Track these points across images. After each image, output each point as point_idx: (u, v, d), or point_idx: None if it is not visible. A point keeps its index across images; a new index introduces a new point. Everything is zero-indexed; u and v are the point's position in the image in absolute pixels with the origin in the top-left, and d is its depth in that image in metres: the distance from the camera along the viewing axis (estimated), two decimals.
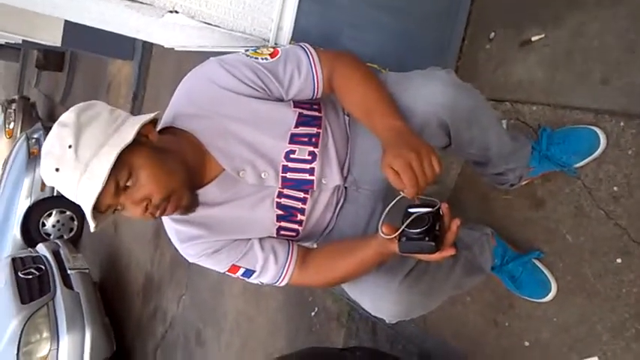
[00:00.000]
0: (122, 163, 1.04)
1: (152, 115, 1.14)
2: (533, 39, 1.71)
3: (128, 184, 1.06)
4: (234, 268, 1.27)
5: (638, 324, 1.36)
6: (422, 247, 0.99)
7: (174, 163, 1.12)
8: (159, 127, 1.23)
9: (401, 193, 1.01)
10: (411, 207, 1.02)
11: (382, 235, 1.03)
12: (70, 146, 1.03)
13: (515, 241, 1.64)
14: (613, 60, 1.50)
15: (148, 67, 5.38)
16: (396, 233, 1.01)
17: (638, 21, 1.46)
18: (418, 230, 0.98)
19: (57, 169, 1.03)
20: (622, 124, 1.45)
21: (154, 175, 1.08)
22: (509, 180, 1.55)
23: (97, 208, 1.05)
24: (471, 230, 1.55)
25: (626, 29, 1.48)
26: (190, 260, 1.28)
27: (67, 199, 1.08)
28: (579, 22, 1.60)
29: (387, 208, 1.05)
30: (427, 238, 0.97)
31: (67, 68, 9.19)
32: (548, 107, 1.63)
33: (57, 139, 1.05)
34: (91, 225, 1.07)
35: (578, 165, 1.52)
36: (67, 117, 1.07)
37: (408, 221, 1.00)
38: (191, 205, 1.16)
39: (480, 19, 1.89)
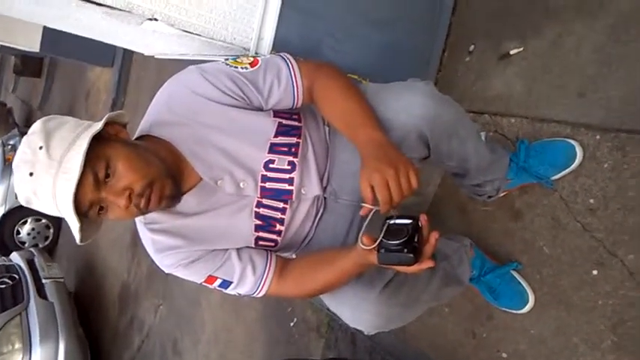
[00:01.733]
0: (97, 155, 1.03)
1: (120, 111, 1.14)
2: (512, 52, 1.73)
3: (107, 175, 1.03)
4: (211, 278, 1.25)
5: (614, 335, 1.37)
6: (400, 259, 0.98)
7: (151, 156, 1.11)
8: (135, 136, 1.21)
9: (374, 207, 1.02)
10: (390, 218, 1.02)
11: (361, 245, 1.03)
12: (40, 147, 1.01)
13: (494, 253, 1.65)
14: (590, 73, 1.52)
15: (128, 74, 5.34)
16: (375, 244, 1.01)
17: (615, 35, 1.48)
18: (397, 242, 0.98)
19: (31, 174, 1.00)
20: (598, 137, 1.47)
21: (131, 163, 1.06)
22: (488, 192, 1.56)
23: (78, 209, 1.00)
24: (449, 241, 1.55)
25: (603, 43, 1.51)
26: (166, 271, 1.26)
27: None
28: (557, 35, 1.62)
29: (366, 221, 1.05)
30: (406, 250, 0.97)
31: (46, 74, 9.07)
32: (526, 120, 1.65)
33: (26, 146, 1.03)
34: (76, 235, 1.03)
35: (555, 177, 1.53)
36: (34, 127, 1.06)
37: (384, 231, 1.00)
38: (175, 194, 1.13)
39: (460, 32, 1.91)
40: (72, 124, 1.07)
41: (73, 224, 1.02)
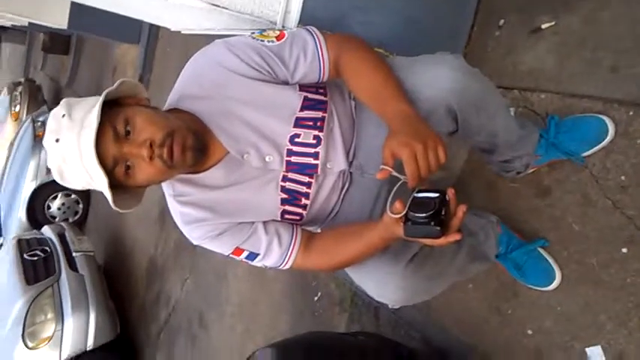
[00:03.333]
0: (117, 113, 1.07)
1: (136, 82, 1.17)
2: (543, 27, 1.69)
3: (127, 129, 1.06)
4: (237, 250, 1.27)
5: None
6: (427, 232, 0.98)
7: (171, 116, 1.14)
8: (164, 109, 1.22)
9: (402, 178, 1.01)
10: (418, 192, 1.01)
11: (390, 214, 1.03)
12: (63, 115, 1.06)
13: (521, 230, 1.64)
14: (623, 48, 1.48)
15: (154, 51, 5.36)
16: (402, 213, 1.00)
17: None
18: (424, 214, 0.97)
19: (57, 140, 1.05)
20: (631, 113, 1.44)
21: (149, 118, 1.09)
22: (516, 168, 1.54)
23: (104, 166, 1.03)
24: (476, 217, 1.54)
25: (638, 18, 1.46)
26: (194, 242, 1.29)
27: None
28: (590, 9, 1.58)
29: (392, 193, 1.04)
30: (433, 223, 0.97)
31: (73, 51, 9.17)
32: (556, 95, 1.62)
33: (52, 118, 1.09)
34: (107, 194, 1.05)
35: (585, 154, 1.51)
36: (58, 105, 1.11)
37: (410, 204, 0.99)
38: (200, 148, 1.14)
39: (489, 6, 1.86)
40: (93, 97, 1.10)
41: (101, 180, 1.03)
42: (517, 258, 1.57)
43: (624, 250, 1.41)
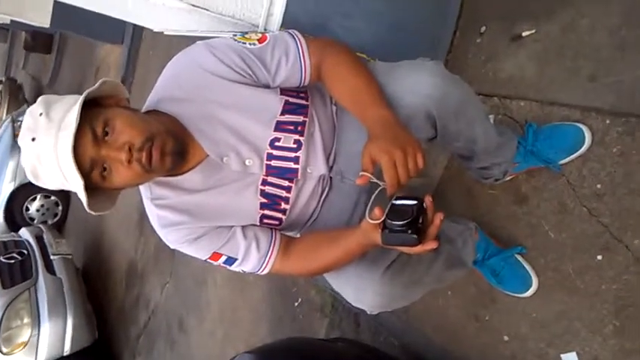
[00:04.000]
0: (96, 115, 1.05)
1: (117, 82, 1.15)
2: (524, 34, 1.70)
3: (106, 131, 1.05)
4: (215, 255, 1.25)
5: (617, 320, 1.37)
6: (404, 240, 0.99)
7: (151, 119, 1.12)
8: (142, 110, 1.21)
9: (381, 184, 1.01)
10: (396, 199, 1.02)
11: (369, 220, 1.03)
12: (41, 114, 1.04)
13: (498, 236, 1.65)
14: (603, 57, 1.50)
15: (138, 51, 5.32)
16: (380, 219, 1.00)
17: (630, 18, 1.46)
18: (401, 222, 0.97)
19: (33, 139, 1.03)
20: (608, 122, 1.46)
21: (129, 120, 1.07)
22: (494, 174, 1.55)
23: (81, 168, 1.01)
24: (454, 224, 1.55)
25: (618, 26, 1.48)
26: (171, 246, 1.27)
27: None
28: (570, 17, 1.60)
29: (371, 200, 1.04)
30: (410, 231, 0.97)
31: (56, 50, 9.06)
32: (535, 103, 1.64)
33: (28, 116, 1.06)
34: (82, 197, 1.03)
35: (562, 161, 1.52)
36: (36, 103, 1.09)
37: (388, 211, 0.99)
38: (179, 153, 1.12)
39: (471, 13, 1.88)
40: (72, 96, 1.08)
41: (77, 182, 1.01)
42: (494, 265, 1.58)
43: (599, 257, 1.43)
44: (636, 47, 1.43)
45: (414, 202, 1.00)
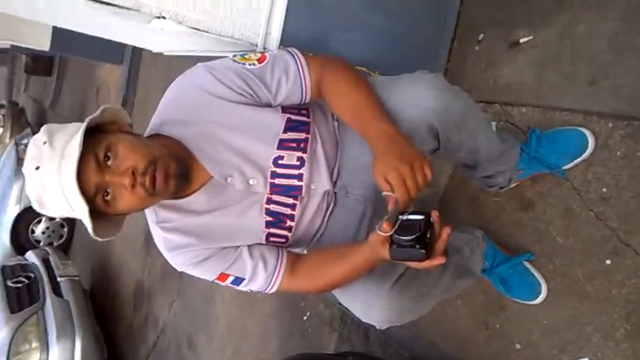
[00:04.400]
0: (99, 141, 1.06)
1: (119, 107, 1.16)
2: (522, 41, 1.71)
3: (108, 155, 1.05)
4: (223, 276, 1.25)
5: (628, 324, 1.36)
6: (412, 255, 0.99)
7: (153, 143, 1.13)
8: (145, 135, 1.22)
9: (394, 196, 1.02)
10: (402, 214, 1.02)
11: (379, 232, 1.03)
12: (44, 142, 1.05)
13: (506, 244, 1.64)
14: (601, 61, 1.50)
15: (138, 71, 5.35)
16: (389, 233, 1.01)
17: (625, 23, 1.46)
18: (409, 237, 0.98)
19: (37, 168, 1.04)
20: (610, 125, 1.46)
21: (133, 145, 1.08)
22: (499, 182, 1.55)
23: (85, 195, 1.01)
24: (461, 233, 1.54)
25: (614, 31, 1.48)
26: (178, 269, 1.27)
27: None
28: (567, 23, 1.60)
29: (387, 214, 1.05)
30: (418, 246, 0.98)
31: (56, 73, 9.12)
32: (537, 109, 1.64)
33: (32, 145, 1.07)
34: (87, 223, 1.04)
35: (567, 166, 1.52)
36: (39, 131, 1.10)
37: (396, 227, 1.00)
38: (182, 175, 1.13)
39: (469, 21, 1.89)
40: (74, 124, 1.10)
41: (81, 209, 1.02)
42: (503, 272, 1.57)
43: (608, 261, 1.42)
44: (633, 51, 1.43)
45: (422, 216, 1.00)
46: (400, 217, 1.01)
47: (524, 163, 1.52)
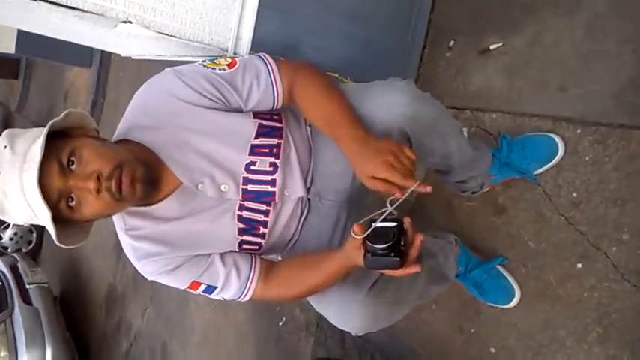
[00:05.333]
0: (62, 146, 1.03)
1: (84, 112, 1.13)
2: (492, 47, 1.72)
3: (72, 160, 1.02)
4: (195, 284, 1.23)
5: (600, 327, 1.38)
6: (387, 263, 0.99)
7: (120, 148, 1.10)
8: (112, 140, 1.19)
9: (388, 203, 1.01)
10: (373, 221, 1.01)
11: (353, 235, 1.03)
12: (5, 147, 1.01)
13: (479, 248, 1.65)
14: (569, 68, 1.52)
15: (107, 74, 5.26)
16: (361, 235, 1.01)
17: (592, 31, 1.49)
18: (383, 246, 0.98)
19: None
20: (579, 131, 1.48)
21: (97, 150, 1.05)
22: (472, 187, 1.55)
23: (49, 201, 0.98)
24: (435, 238, 1.55)
25: (581, 39, 1.51)
26: (149, 278, 1.24)
27: None
28: (536, 30, 1.62)
29: (361, 221, 1.05)
30: (393, 254, 0.98)
31: (23, 75, 8.89)
32: (507, 115, 1.65)
33: None
34: (51, 230, 1.01)
35: (537, 172, 1.54)
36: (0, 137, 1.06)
37: (370, 235, 1.00)
38: (149, 180, 1.10)
39: (439, 28, 1.90)
40: (38, 129, 1.06)
41: (44, 215, 0.99)
42: (477, 277, 1.58)
43: (579, 265, 1.44)
44: (601, 58, 1.46)
45: (394, 223, 1.00)
46: (374, 224, 1.01)
47: (495, 168, 1.54)
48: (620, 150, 1.39)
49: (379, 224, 1.01)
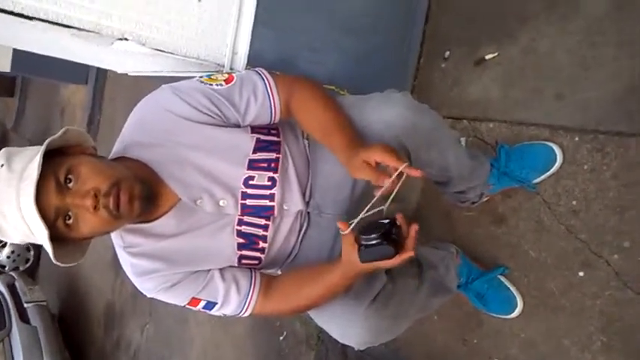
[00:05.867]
0: (60, 163, 1.02)
1: (81, 130, 1.13)
2: (487, 57, 1.73)
3: (69, 177, 1.02)
4: (194, 301, 1.22)
5: (604, 336, 1.37)
6: (381, 252, 1.00)
7: (118, 165, 1.10)
8: (109, 157, 1.18)
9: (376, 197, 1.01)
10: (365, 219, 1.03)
11: (341, 232, 1.04)
12: (2, 165, 1.01)
13: (480, 258, 1.65)
14: (565, 76, 1.53)
15: (103, 91, 5.26)
16: (347, 230, 1.03)
17: (588, 37, 1.49)
18: (375, 235, 0.99)
19: None
20: (577, 139, 1.48)
21: (94, 167, 1.04)
22: (471, 198, 1.55)
23: (46, 219, 0.98)
24: (435, 250, 1.54)
25: (577, 46, 1.51)
26: (148, 295, 1.23)
27: None
28: (531, 39, 1.63)
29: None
30: (385, 242, 0.98)
31: (19, 93, 8.89)
32: (504, 124, 1.66)
33: None
34: (48, 248, 1.00)
35: (536, 180, 1.53)
36: None
37: (361, 229, 1.01)
38: (148, 197, 1.09)
39: (434, 39, 1.91)
40: (34, 147, 1.06)
41: (41, 233, 0.98)
42: (478, 287, 1.57)
43: (581, 273, 1.43)
44: (597, 65, 1.46)
45: (386, 220, 1.01)
46: (360, 215, 1.02)
47: (494, 178, 1.53)
48: (619, 157, 1.39)
49: (366, 214, 1.01)
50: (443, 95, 1.83)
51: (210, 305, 1.22)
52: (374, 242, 0.98)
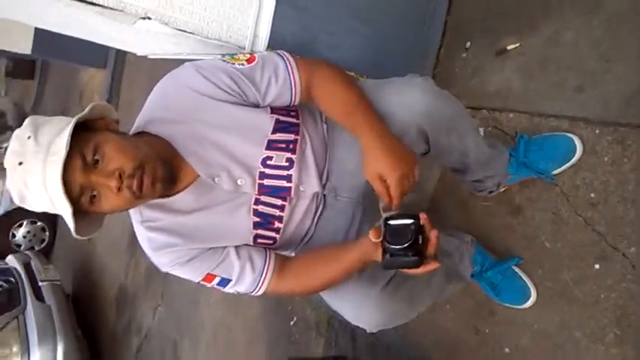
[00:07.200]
0: (86, 140, 1.03)
1: (108, 104, 1.15)
2: (509, 48, 1.72)
3: (96, 158, 1.03)
4: (209, 277, 1.23)
5: (617, 329, 1.37)
6: (405, 263, 1.00)
7: (141, 144, 1.11)
8: (130, 132, 1.19)
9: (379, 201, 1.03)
10: (389, 218, 1.02)
11: (372, 239, 1.05)
12: (29, 137, 1.02)
13: (495, 248, 1.64)
14: (587, 69, 1.51)
15: (122, 75, 5.30)
16: (379, 239, 1.03)
17: (611, 30, 1.48)
18: (402, 246, 0.99)
19: (20, 163, 1.00)
20: (597, 131, 1.46)
21: (121, 146, 1.06)
22: (488, 187, 1.55)
23: (70, 195, 0.99)
24: (450, 237, 1.54)
25: (600, 38, 1.50)
26: (163, 269, 1.24)
27: None
28: (554, 30, 1.61)
29: (377, 224, 1.08)
30: (411, 253, 0.99)
31: (38, 76, 8.98)
32: (524, 115, 1.64)
33: (15, 139, 1.04)
34: (70, 222, 1.02)
35: (555, 172, 1.52)
36: (24, 123, 1.07)
37: (386, 233, 1.02)
38: (169, 177, 1.12)
39: (456, 28, 1.90)
40: (61, 118, 1.07)
41: (65, 209, 1.00)
42: (492, 277, 1.57)
43: (597, 266, 1.42)
44: (619, 58, 1.45)
45: (411, 220, 1.01)
46: (390, 222, 1.01)
47: (512, 168, 1.53)
48: None
49: (394, 222, 1.01)
50: (463, 85, 1.82)
51: (224, 282, 1.24)
52: (399, 252, 1.00)
